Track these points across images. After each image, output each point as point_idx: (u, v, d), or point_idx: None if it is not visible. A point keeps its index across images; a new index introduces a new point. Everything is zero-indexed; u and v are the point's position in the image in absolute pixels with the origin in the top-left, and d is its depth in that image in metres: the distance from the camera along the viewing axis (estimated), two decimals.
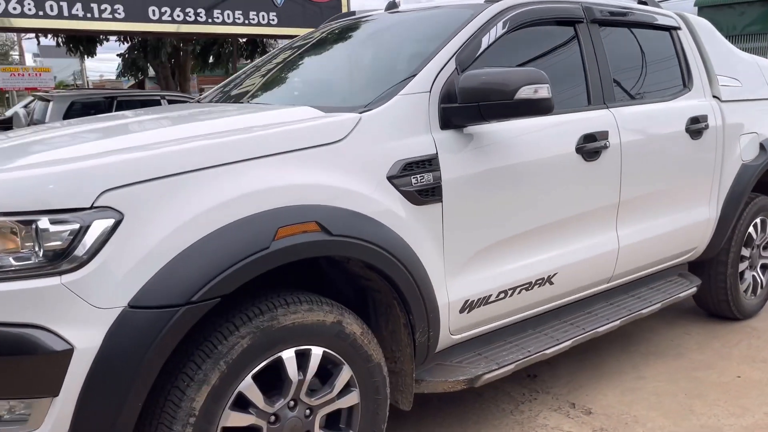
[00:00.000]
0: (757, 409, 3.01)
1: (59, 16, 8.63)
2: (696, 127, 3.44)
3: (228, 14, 9.95)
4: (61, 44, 16.50)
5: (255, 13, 10.15)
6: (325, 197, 2.01)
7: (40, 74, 28.87)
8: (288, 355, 1.99)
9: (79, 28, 8.66)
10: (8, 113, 15.08)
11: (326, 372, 2.14)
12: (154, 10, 9.37)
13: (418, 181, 2.26)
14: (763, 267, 4.21)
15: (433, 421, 2.95)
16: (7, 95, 31.66)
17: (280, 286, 2.11)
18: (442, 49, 2.53)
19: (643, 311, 3.28)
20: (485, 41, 2.62)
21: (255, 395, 1.94)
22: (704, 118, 3.49)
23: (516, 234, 2.63)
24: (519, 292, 2.70)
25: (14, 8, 8.43)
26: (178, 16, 9.67)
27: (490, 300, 2.58)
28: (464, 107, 2.35)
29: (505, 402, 3.11)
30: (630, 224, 3.17)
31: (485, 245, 2.53)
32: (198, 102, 3.62)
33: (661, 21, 3.51)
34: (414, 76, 2.43)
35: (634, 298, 3.37)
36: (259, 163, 1.94)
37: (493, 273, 2.58)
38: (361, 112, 2.27)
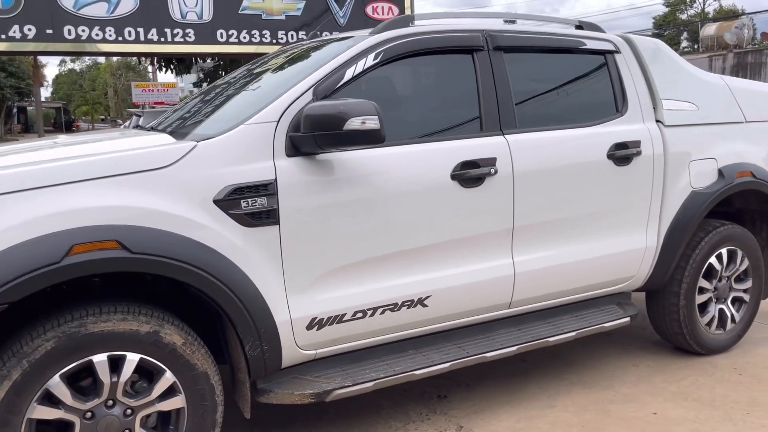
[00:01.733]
0: None
1: (136, 41, 9.48)
2: (623, 153, 3.36)
3: (292, 34, 10.47)
4: (155, 64, 17.90)
5: (319, 32, 10.60)
6: (133, 218, 2.24)
7: (167, 90, 31.21)
8: (99, 359, 2.23)
9: (155, 52, 9.40)
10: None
11: (151, 376, 2.36)
12: (221, 33, 10.06)
13: (249, 205, 2.44)
14: (736, 300, 3.97)
15: (309, 430, 3.09)
16: (141, 109, 34.49)
17: (124, 296, 2.36)
18: (302, 81, 2.70)
19: (550, 339, 3.24)
20: (350, 73, 2.75)
21: (63, 393, 2.19)
22: (635, 144, 3.40)
23: (372, 257, 2.72)
24: (382, 313, 2.78)
25: (96, 35, 9.34)
26: (244, 38, 10.30)
27: (344, 319, 2.70)
28: (306, 136, 2.51)
29: (398, 419, 3.18)
30: (532, 251, 3.15)
31: (335, 267, 2.65)
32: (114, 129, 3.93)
33: (592, 45, 3.46)
34: (265, 107, 2.61)
35: (548, 325, 3.33)
36: (71, 187, 2.20)
37: (347, 293, 2.69)
38: (199, 141, 2.48)
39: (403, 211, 2.77)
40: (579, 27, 3.61)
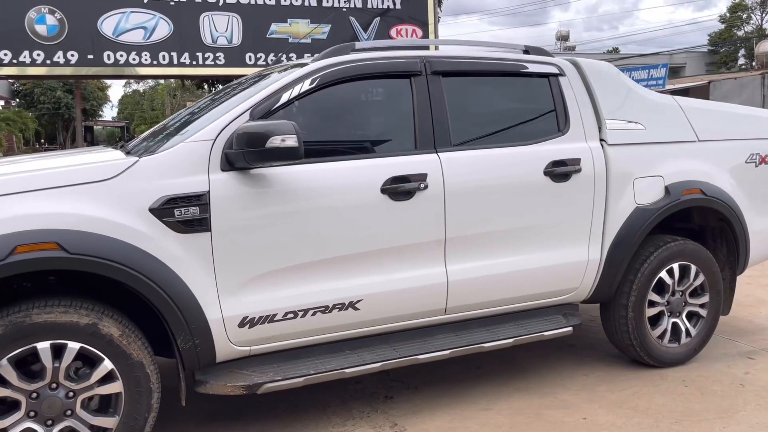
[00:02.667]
0: None
1: (170, 64, 10.07)
2: (561, 170, 3.54)
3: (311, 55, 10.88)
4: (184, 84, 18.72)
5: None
6: (74, 223, 2.58)
7: None
8: (43, 346, 2.57)
9: (187, 74, 9.94)
10: None
11: (92, 363, 2.68)
12: (250, 56, 10.56)
13: (182, 214, 2.75)
14: (693, 315, 4.06)
15: (257, 420, 3.35)
16: None
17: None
18: (242, 104, 3.02)
19: (485, 345, 3.44)
20: (286, 97, 3.05)
21: (10, 374, 2.53)
22: (575, 161, 3.58)
23: (302, 263, 2.99)
24: (314, 314, 3.05)
25: (133, 59, 9.98)
26: (272, 60, 10.79)
27: (275, 318, 2.97)
28: (237, 152, 2.82)
29: (341, 416, 3.42)
30: (466, 261, 3.36)
31: (265, 271, 2.93)
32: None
33: (534, 69, 3.66)
34: (206, 127, 2.94)
35: (487, 332, 3.52)
36: (21, 196, 2.56)
37: (278, 295, 2.97)
38: (141, 156, 2.82)
39: (332, 222, 3.04)
40: (526, 51, 3.82)
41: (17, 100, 41.60)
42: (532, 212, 3.50)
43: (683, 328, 4.02)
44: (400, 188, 3.15)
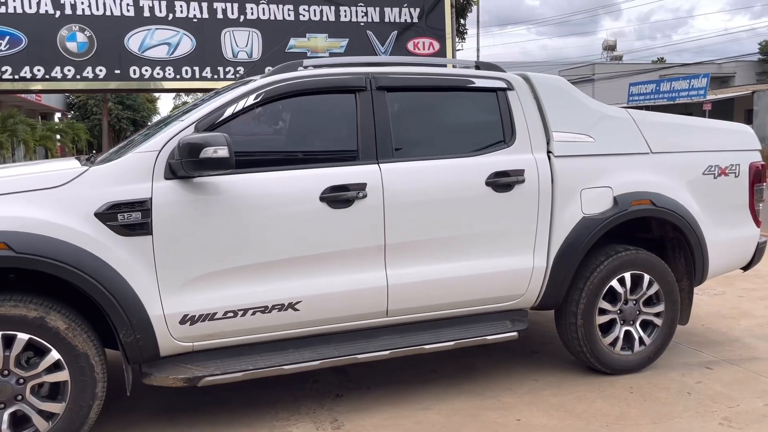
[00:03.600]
0: None
1: (192, 78, 10.52)
2: (504, 180, 3.68)
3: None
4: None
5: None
6: (24, 226, 2.86)
7: None
8: None
9: (209, 88, 10.37)
10: None
11: (42, 353, 2.96)
12: (269, 70, 10.92)
13: (125, 218, 3.01)
14: (645, 324, 4.13)
15: (210, 413, 3.57)
16: None
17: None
18: (186, 118, 3.27)
19: (426, 346, 3.60)
20: (230, 111, 3.29)
21: None
22: (518, 172, 3.71)
23: (241, 266, 3.22)
24: (253, 314, 3.26)
25: (158, 73, 10.46)
26: None
27: (216, 317, 3.20)
28: (178, 162, 3.07)
29: (289, 411, 3.62)
30: (407, 266, 3.52)
31: (205, 272, 3.16)
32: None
33: (481, 83, 3.82)
34: (153, 139, 3.20)
35: (430, 334, 3.67)
36: None
37: (217, 295, 3.19)
38: (92, 166, 3.10)
39: (271, 228, 3.25)
40: (477, 67, 3.98)
41: (72, 112, 43.37)
42: (473, 221, 3.65)
43: (636, 337, 4.09)
44: (338, 197, 3.35)
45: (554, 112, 3.91)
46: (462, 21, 17.17)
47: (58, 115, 42.90)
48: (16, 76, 10.11)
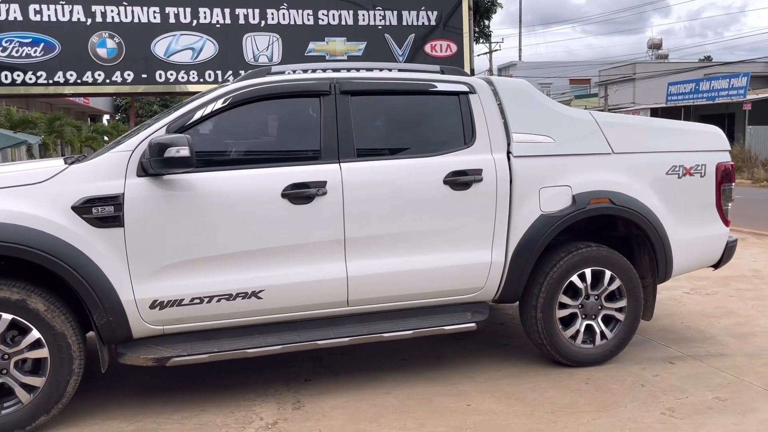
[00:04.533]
0: (433, 427, 3.41)
1: (215, 81, 10.92)
2: (462, 179, 3.88)
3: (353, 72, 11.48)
4: None
5: (379, 70, 11.55)
6: (8, 217, 3.20)
7: None
8: None
9: None
10: None
11: (24, 332, 3.30)
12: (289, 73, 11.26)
13: (99, 212, 3.33)
14: (608, 318, 4.27)
15: (185, 392, 3.87)
16: None
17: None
18: (160, 121, 3.58)
19: (385, 335, 3.82)
20: (199, 114, 3.59)
21: None
22: (476, 171, 3.91)
23: (207, 256, 3.50)
24: (218, 301, 3.54)
25: (182, 77, 10.90)
26: None
27: (183, 303, 3.49)
28: (147, 161, 3.37)
29: (257, 393, 3.89)
30: (366, 259, 3.76)
31: (173, 262, 3.46)
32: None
33: (443, 87, 4.03)
34: (129, 139, 3.52)
35: (391, 323, 3.89)
36: None
37: (184, 283, 3.49)
38: (73, 164, 3.43)
39: (235, 221, 3.53)
40: (441, 72, 4.19)
41: (119, 114, 44.85)
42: (431, 217, 3.86)
43: (598, 331, 4.24)
44: (299, 193, 3.61)
45: (515, 115, 4.09)
46: (486, 22, 17.25)
47: (106, 117, 44.42)
48: (50, 81, 10.67)
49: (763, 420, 3.46)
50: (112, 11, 10.68)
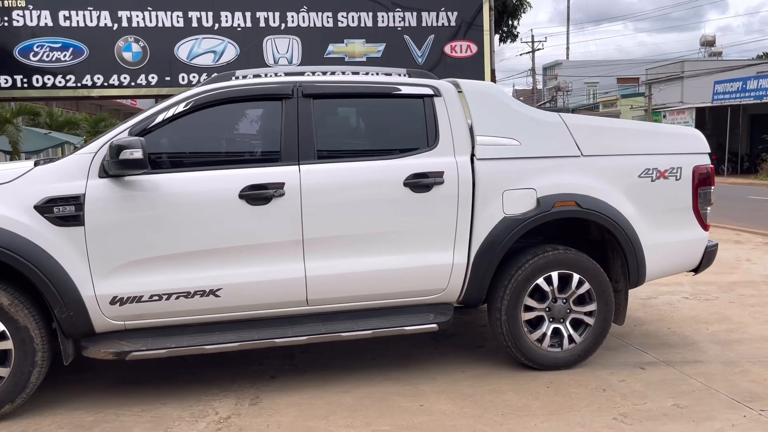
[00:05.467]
0: (379, 426, 3.46)
1: None
2: (423, 181, 3.91)
3: (371, 73, 11.56)
4: None
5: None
6: None
7: None
8: None
9: None
10: None
11: None
12: (308, 75, 11.42)
13: (60, 211, 3.49)
14: (578, 322, 4.23)
15: (156, 384, 4.01)
16: None
17: None
18: (123, 124, 3.72)
19: (343, 334, 3.89)
20: (161, 117, 3.72)
21: None
22: (437, 174, 3.93)
23: (165, 255, 3.62)
24: (177, 298, 3.66)
25: (204, 79, 11.12)
26: None
27: (142, 299, 3.62)
28: (106, 163, 3.52)
29: (222, 388, 4.00)
30: (325, 259, 3.82)
31: (132, 260, 3.59)
32: None
33: (407, 90, 4.07)
34: (93, 142, 3.67)
35: (351, 323, 3.95)
36: None
37: (143, 280, 3.62)
38: (38, 165, 3.60)
39: (193, 221, 3.65)
40: (408, 75, 4.23)
41: None
42: (391, 218, 3.90)
43: (566, 334, 4.21)
44: (257, 194, 3.70)
45: (481, 117, 4.10)
46: (513, 22, 17.07)
47: None
48: (79, 84, 11.06)
49: (717, 429, 3.39)
50: (137, 16, 11.00)
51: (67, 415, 3.64)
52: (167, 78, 10.99)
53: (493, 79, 12.04)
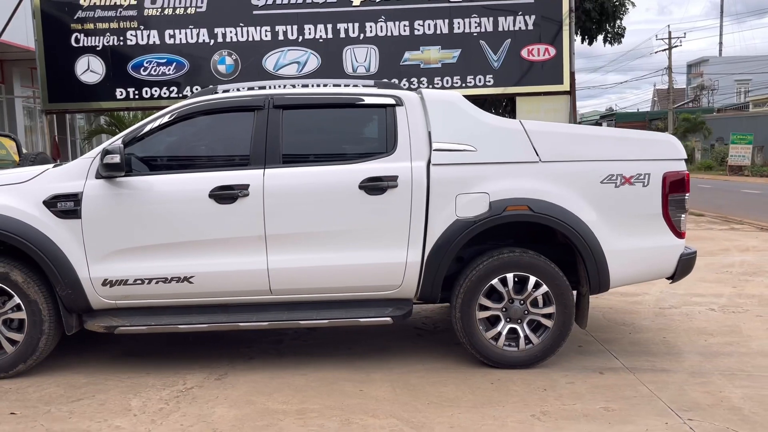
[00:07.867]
0: (311, 404, 3.83)
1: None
2: (378, 184, 4.24)
3: (447, 80, 11.89)
4: None
5: (472, 77, 11.86)
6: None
7: None
8: None
9: None
10: None
11: (7, 298, 4.26)
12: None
13: (63, 206, 4.19)
14: (536, 324, 4.36)
15: (144, 359, 4.63)
16: None
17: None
18: (121, 133, 4.38)
19: (302, 322, 4.32)
20: (148, 128, 4.34)
21: None
22: (391, 178, 4.24)
23: (146, 245, 4.22)
24: (156, 283, 4.26)
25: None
26: (404, 85, 11.99)
27: (127, 282, 4.25)
28: (99, 165, 4.19)
29: (201, 365, 4.53)
30: (285, 253, 4.26)
31: (120, 248, 4.22)
32: None
33: (370, 100, 4.42)
34: (96, 148, 4.36)
35: (312, 312, 4.36)
36: None
37: (129, 266, 4.24)
38: (53, 167, 4.34)
39: (170, 217, 4.23)
40: (375, 86, 4.57)
41: None
42: (347, 218, 4.26)
43: (522, 335, 4.35)
44: (224, 194, 4.21)
45: (440, 125, 4.35)
46: (616, 23, 16.46)
47: None
48: (180, 95, 12.25)
49: None
50: (230, 32, 12.03)
51: (67, 377, 4.35)
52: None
53: (573, 82, 11.89)
